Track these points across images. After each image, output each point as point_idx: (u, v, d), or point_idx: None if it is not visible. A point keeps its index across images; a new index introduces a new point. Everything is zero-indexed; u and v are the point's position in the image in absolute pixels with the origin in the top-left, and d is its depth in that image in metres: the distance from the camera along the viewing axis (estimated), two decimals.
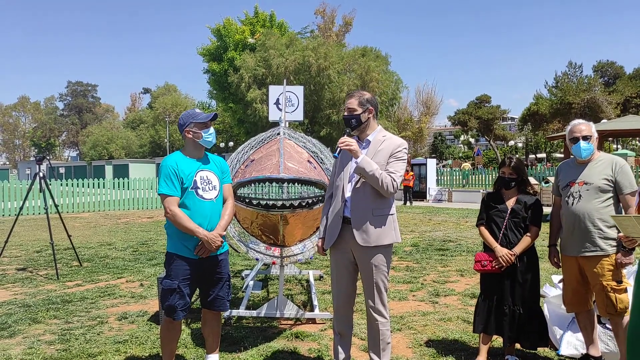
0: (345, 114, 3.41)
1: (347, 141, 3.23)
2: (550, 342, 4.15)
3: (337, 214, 3.38)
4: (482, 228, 3.90)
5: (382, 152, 3.32)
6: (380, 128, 3.48)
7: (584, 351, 3.81)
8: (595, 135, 3.61)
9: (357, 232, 3.27)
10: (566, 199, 3.62)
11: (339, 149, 3.25)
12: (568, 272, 3.69)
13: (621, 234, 2.88)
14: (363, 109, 3.37)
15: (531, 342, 3.77)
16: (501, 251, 3.70)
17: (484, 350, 3.82)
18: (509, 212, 3.79)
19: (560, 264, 3.79)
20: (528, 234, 3.74)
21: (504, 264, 3.70)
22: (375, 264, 3.31)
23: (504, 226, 3.79)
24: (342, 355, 3.51)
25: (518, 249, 3.70)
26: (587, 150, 3.55)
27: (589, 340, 3.71)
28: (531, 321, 3.73)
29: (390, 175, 3.23)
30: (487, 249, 3.85)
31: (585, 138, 3.55)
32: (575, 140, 3.58)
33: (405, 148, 3.38)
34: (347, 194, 3.35)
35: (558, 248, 3.81)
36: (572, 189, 3.58)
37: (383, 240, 3.29)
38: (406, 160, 3.46)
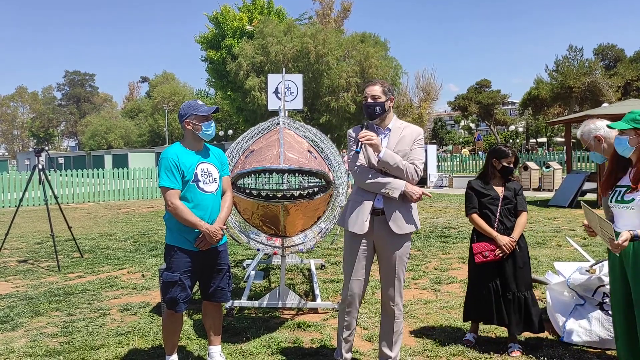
0: (369, 101, 3.31)
1: (368, 135, 3.19)
2: (552, 329, 4.17)
3: (371, 203, 3.31)
4: (476, 216, 3.89)
5: (405, 139, 3.35)
6: (396, 117, 3.49)
7: (587, 338, 3.81)
8: (593, 135, 3.44)
9: (392, 220, 3.26)
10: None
11: (359, 143, 3.20)
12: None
13: (585, 222, 3.03)
14: (386, 97, 3.35)
15: (541, 326, 3.81)
16: (503, 239, 3.73)
17: (475, 326, 4.02)
18: (501, 199, 3.83)
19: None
20: (521, 218, 3.84)
21: (507, 252, 3.72)
22: (399, 255, 3.33)
23: (498, 213, 3.81)
24: (347, 347, 3.52)
25: (516, 234, 3.77)
26: (596, 158, 3.51)
27: None
28: (536, 305, 3.81)
29: (413, 163, 3.29)
30: (481, 237, 3.85)
31: (588, 149, 3.52)
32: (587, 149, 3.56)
33: (423, 135, 3.48)
34: None
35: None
36: None
37: (412, 227, 3.34)
38: (424, 147, 3.47)
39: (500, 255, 3.74)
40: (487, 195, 3.86)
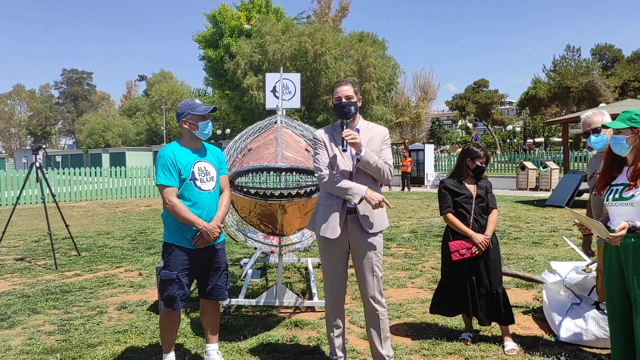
0: (344, 101, 3.31)
1: (353, 134, 3.19)
2: (549, 328, 4.19)
3: (341, 205, 3.31)
4: (451, 215, 3.96)
5: (374, 140, 3.37)
6: (361, 117, 3.51)
7: (584, 337, 3.83)
8: None
9: (365, 219, 3.29)
10: (590, 190, 3.61)
11: (345, 142, 3.19)
12: (600, 260, 3.66)
13: (577, 221, 3.04)
14: (357, 97, 3.39)
15: (511, 318, 3.90)
16: (478, 237, 3.83)
17: (468, 323, 4.09)
18: (474, 197, 3.92)
19: (593, 253, 3.81)
20: (492, 216, 3.96)
21: (483, 249, 3.84)
22: (375, 251, 3.35)
23: (472, 212, 3.90)
24: (340, 346, 3.51)
25: (489, 231, 3.89)
26: (598, 143, 3.51)
27: None
28: (506, 298, 3.91)
29: (387, 164, 3.32)
30: (456, 236, 3.93)
31: (596, 131, 3.51)
32: (586, 134, 3.56)
33: (388, 135, 3.51)
34: None
35: (593, 239, 3.80)
36: (595, 180, 3.55)
37: (384, 225, 3.38)
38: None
39: (477, 252, 3.84)
40: (462, 194, 3.94)
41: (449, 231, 3.98)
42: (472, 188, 3.96)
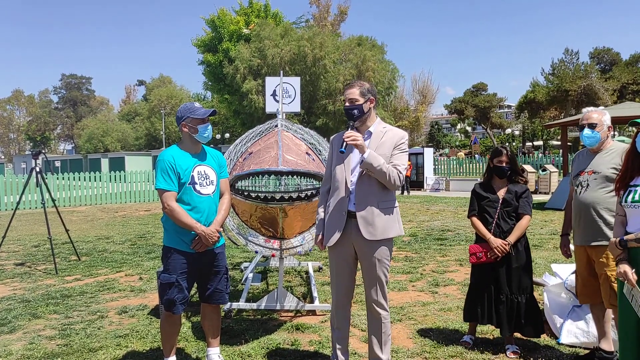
0: (347, 104, 3.29)
1: (354, 135, 3.15)
2: (550, 331, 4.18)
3: (340, 208, 3.29)
4: (474, 219, 3.94)
5: (386, 144, 3.28)
6: (379, 119, 3.44)
7: (585, 339, 3.83)
8: (607, 123, 3.53)
9: (363, 225, 3.21)
10: (575, 187, 3.61)
11: (344, 143, 3.16)
12: (579, 262, 3.65)
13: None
14: (365, 99, 3.30)
15: (535, 331, 3.81)
16: (496, 242, 3.76)
17: (472, 326, 4.05)
18: (500, 201, 3.85)
19: (571, 254, 3.80)
20: (521, 222, 3.82)
21: (500, 255, 3.75)
22: (378, 258, 3.27)
23: (496, 216, 3.84)
24: (341, 349, 3.51)
25: (512, 237, 3.77)
26: (589, 138, 3.52)
27: (602, 333, 3.61)
28: (531, 309, 3.80)
29: (396, 168, 3.21)
30: (480, 239, 3.90)
31: (591, 126, 3.51)
32: (581, 127, 3.57)
33: (407, 140, 3.38)
34: (351, 187, 3.27)
35: (570, 238, 3.80)
36: (582, 178, 3.56)
37: (389, 233, 3.27)
38: (407, 152, 3.42)
39: (493, 257, 3.77)
40: (486, 198, 3.91)
41: (476, 234, 3.97)
42: (501, 192, 3.90)
